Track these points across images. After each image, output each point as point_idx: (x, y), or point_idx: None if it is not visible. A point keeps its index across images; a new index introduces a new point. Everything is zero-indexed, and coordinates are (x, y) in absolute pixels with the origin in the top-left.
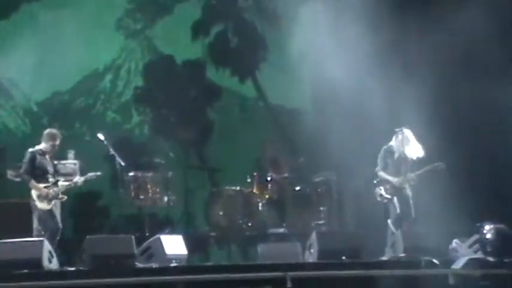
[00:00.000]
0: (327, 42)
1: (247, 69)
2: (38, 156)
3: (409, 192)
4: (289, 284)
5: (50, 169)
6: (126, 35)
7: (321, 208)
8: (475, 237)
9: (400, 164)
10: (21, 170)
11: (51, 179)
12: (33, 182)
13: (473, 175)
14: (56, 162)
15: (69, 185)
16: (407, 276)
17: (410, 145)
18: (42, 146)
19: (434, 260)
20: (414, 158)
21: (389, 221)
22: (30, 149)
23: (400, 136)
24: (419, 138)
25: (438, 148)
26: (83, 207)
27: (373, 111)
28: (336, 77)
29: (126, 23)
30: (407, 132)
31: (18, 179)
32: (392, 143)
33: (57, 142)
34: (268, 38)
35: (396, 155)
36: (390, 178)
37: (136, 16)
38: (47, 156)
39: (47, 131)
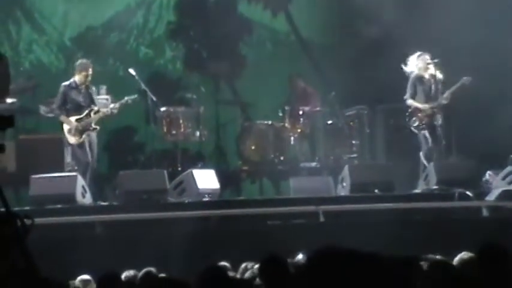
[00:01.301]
0: None
1: (279, 2)
2: (71, 90)
3: (440, 121)
4: (321, 218)
5: (84, 101)
6: None
7: (353, 142)
8: (509, 168)
9: (429, 88)
10: (54, 105)
11: (85, 111)
12: (63, 116)
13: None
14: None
15: (103, 113)
16: (441, 208)
17: (430, 65)
18: (75, 78)
19: (468, 192)
20: (441, 77)
21: (421, 154)
22: (63, 83)
23: (421, 59)
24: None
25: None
26: (118, 142)
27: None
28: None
29: None
30: (422, 55)
31: (50, 115)
32: (415, 68)
33: (90, 72)
34: None
35: (424, 80)
36: (420, 105)
37: None
38: (81, 88)
39: (79, 61)
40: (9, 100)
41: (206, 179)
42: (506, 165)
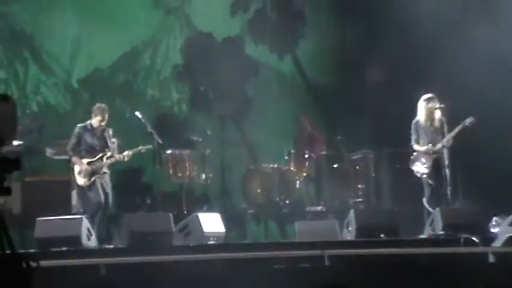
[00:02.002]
0: None
1: (285, 45)
2: (86, 132)
3: (446, 163)
4: (327, 262)
5: (99, 144)
6: (165, 12)
7: (359, 185)
8: None
9: (432, 132)
10: (68, 146)
11: (98, 155)
12: (76, 158)
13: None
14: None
15: (115, 159)
16: (447, 254)
17: (436, 110)
18: (91, 120)
19: (474, 238)
20: (441, 120)
21: (424, 200)
22: (79, 125)
23: (427, 105)
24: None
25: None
26: (126, 183)
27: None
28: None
29: (164, 0)
30: (428, 97)
31: (56, 157)
32: (418, 112)
33: (106, 117)
34: (307, 13)
35: (427, 125)
36: (423, 149)
37: None
38: (97, 132)
39: (96, 105)
40: (15, 142)
41: (212, 223)
42: None
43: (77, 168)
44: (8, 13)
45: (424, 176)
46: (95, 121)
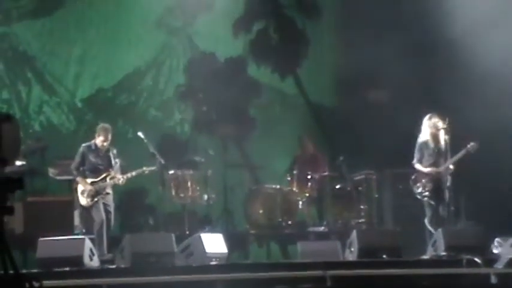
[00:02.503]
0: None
1: (288, 66)
2: (90, 152)
3: (446, 187)
4: (329, 283)
5: (102, 164)
6: (167, 32)
7: (361, 206)
8: None
9: (436, 153)
10: (72, 166)
11: (102, 175)
12: (80, 178)
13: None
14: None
15: (118, 180)
16: (449, 275)
17: (439, 131)
18: (95, 140)
19: (476, 259)
20: (446, 142)
21: (425, 220)
22: (83, 144)
23: (431, 123)
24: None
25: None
26: (130, 203)
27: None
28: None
29: (167, 21)
30: (432, 116)
31: (59, 177)
32: (422, 132)
33: (109, 137)
34: (309, 33)
35: (431, 145)
36: (425, 170)
37: (177, 13)
38: (100, 151)
39: (100, 125)
40: (18, 162)
41: (214, 243)
42: None
43: (80, 188)
44: (11, 34)
45: (425, 197)
46: (98, 141)
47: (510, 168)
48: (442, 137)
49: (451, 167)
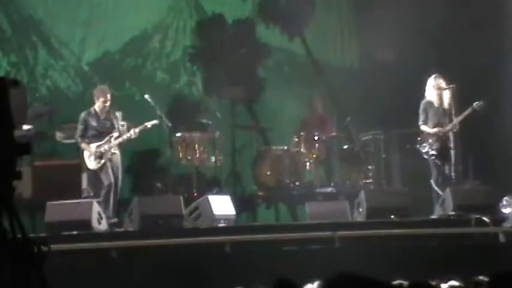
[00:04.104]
0: None
1: (295, 26)
2: (91, 117)
3: (453, 147)
4: (337, 243)
5: (105, 127)
6: None
7: (369, 167)
8: None
9: (441, 113)
10: (76, 134)
11: (106, 137)
12: (84, 144)
13: None
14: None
15: (122, 139)
16: (457, 234)
17: (444, 91)
18: (95, 105)
19: (485, 218)
20: (450, 101)
21: (431, 180)
22: (83, 112)
23: (435, 83)
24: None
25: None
26: (141, 165)
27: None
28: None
29: None
30: (437, 77)
31: (66, 141)
32: (427, 93)
33: (108, 97)
34: None
35: (435, 106)
36: (431, 131)
37: None
38: (101, 115)
39: (97, 88)
40: (25, 127)
41: (222, 205)
42: None
43: (86, 153)
44: None
45: (432, 157)
46: (98, 104)
47: None
48: (447, 96)
49: (456, 127)
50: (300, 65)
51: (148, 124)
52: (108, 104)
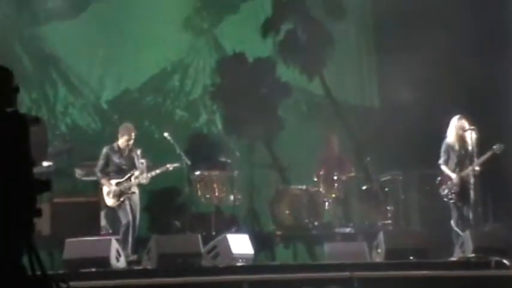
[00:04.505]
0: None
1: (315, 67)
2: (113, 153)
3: (473, 189)
4: (356, 284)
5: (126, 164)
6: (194, 34)
7: (388, 207)
8: None
9: (463, 155)
10: (96, 168)
11: (126, 175)
12: (104, 180)
13: None
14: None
15: (143, 179)
16: (477, 277)
17: (466, 132)
18: (118, 141)
19: (505, 261)
20: (472, 142)
21: (452, 222)
22: (106, 146)
23: (458, 124)
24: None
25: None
26: (160, 203)
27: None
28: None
29: (193, 22)
30: (459, 118)
31: (85, 178)
32: (449, 133)
33: (132, 136)
34: (334, 34)
35: (457, 147)
36: (451, 174)
37: (204, 14)
38: (124, 151)
39: (122, 125)
40: (45, 163)
41: (240, 244)
42: None
43: (105, 189)
44: (38, 36)
45: (451, 200)
46: (122, 141)
47: None
48: (469, 138)
49: (477, 168)
50: (318, 104)
51: (171, 166)
52: (131, 142)
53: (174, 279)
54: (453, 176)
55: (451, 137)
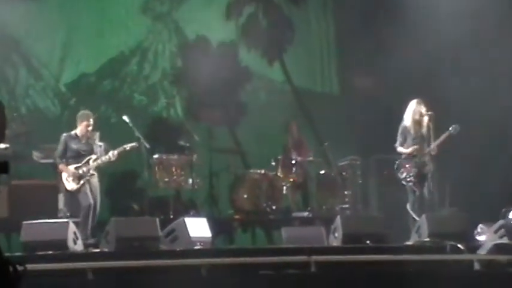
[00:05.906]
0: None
1: (275, 51)
2: (71, 140)
3: (431, 171)
4: (313, 268)
5: (85, 150)
6: (152, 18)
7: (346, 192)
8: (501, 222)
9: (418, 138)
10: (55, 154)
11: (84, 159)
12: (62, 165)
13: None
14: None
15: (101, 161)
16: (432, 261)
17: (423, 117)
18: (76, 129)
19: (460, 245)
20: (429, 126)
21: (407, 206)
22: (64, 133)
23: (416, 109)
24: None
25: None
26: (120, 187)
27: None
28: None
29: (152, 5)
30: (417, 102)
31: (43, 161)
32: (406, 117)
33: (91, 122)
34: (294, 20)
35: (413, 131)
36: (407, 151)
37: None
38: (82, 138)
39: (80, 112)
40: (2, 145)
41: (198, 227)
42: (498, 219)
43: (64, 175)
44: None
45: (409, 183)
46: (81, 128)
47: (493, 155)
48: (426, 122)
49: (434, 151)
50: (278, 90)
51: (127, 146)
52: (90, 128)
53: (131, 262)
54: (409, 150)
55: (408, 120)
